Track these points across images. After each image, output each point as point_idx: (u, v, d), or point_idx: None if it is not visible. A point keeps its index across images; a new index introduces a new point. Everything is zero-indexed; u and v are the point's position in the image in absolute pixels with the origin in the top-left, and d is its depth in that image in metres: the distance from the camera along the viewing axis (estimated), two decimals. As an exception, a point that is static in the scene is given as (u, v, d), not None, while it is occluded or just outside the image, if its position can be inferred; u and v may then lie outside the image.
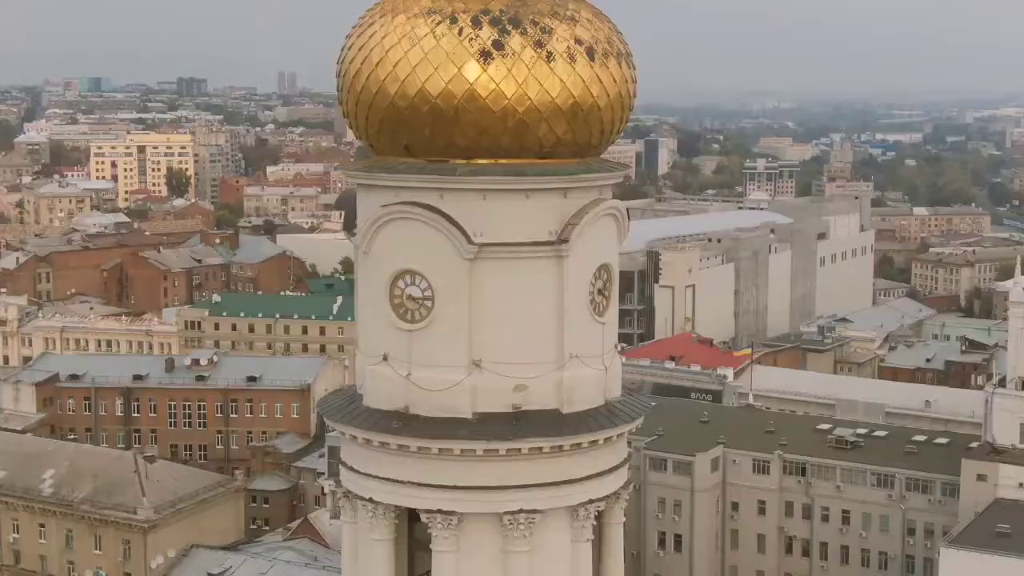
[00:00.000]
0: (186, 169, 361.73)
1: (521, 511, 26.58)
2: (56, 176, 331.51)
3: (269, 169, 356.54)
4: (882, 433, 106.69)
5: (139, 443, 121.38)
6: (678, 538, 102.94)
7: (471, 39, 25.75)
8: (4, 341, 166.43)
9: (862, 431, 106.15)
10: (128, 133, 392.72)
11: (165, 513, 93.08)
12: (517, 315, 26.45)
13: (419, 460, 26.52)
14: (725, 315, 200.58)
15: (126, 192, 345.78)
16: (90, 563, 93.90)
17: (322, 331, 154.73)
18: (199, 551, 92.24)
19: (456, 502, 26.48)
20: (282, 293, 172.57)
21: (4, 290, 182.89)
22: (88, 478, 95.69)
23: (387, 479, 26.98)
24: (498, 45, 25.77)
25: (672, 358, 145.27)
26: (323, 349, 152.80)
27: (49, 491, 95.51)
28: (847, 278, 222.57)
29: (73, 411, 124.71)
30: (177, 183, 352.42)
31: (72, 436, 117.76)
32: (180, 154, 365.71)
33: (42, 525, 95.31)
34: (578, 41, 26.34)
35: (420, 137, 26.34)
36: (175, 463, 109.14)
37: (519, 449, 26.46)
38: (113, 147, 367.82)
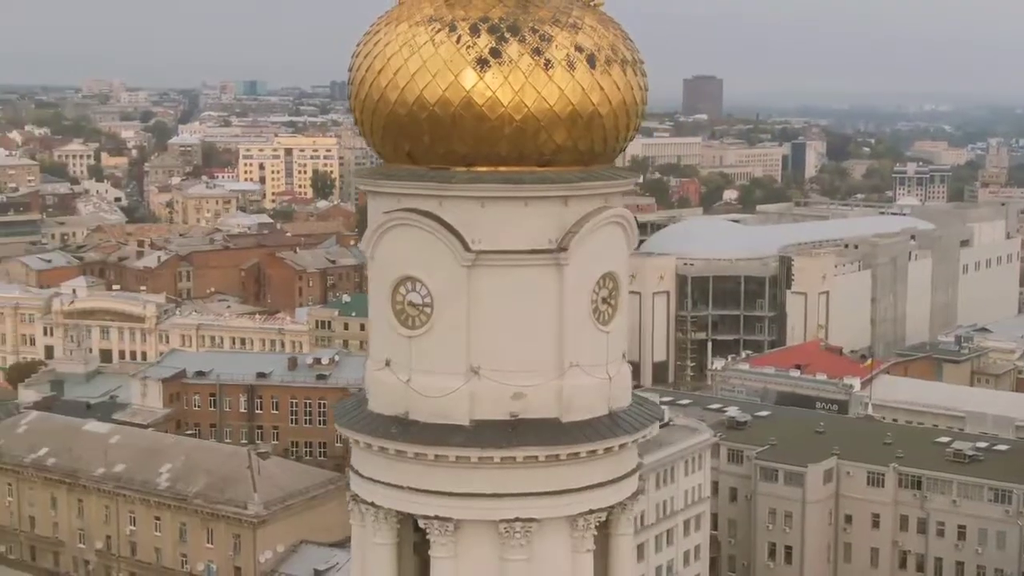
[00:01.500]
0: (331, 172, 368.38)
1: (518, 519, 26.50)
2: (204, 177, 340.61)
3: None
4: (1003, 447, 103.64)
5: (261, 439, 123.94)
6: (788, 550, 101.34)
7: (468, 47, 25.78)
8: (142, 337, 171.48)
9: (982, 445, 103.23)
10: (276, 136, 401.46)
11: (275, 509, 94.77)
12: (516, 323, 26.40)
13: (416, 466, 26.64)
14: (861, 323, 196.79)
15: (273, 194, 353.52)
16: (202, 556, 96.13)
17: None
18: (307, 547, 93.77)
19: (452, 508, 26.52)
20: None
21: (144, 288, 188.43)
22: (202, 473, 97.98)
23: (387, 484, 27.19)
24: (495, 53, 25.75)
25: (798, 366, 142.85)
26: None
27: (165, 485, 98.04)
28: (991, 286, 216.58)
29: (198, 407, 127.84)
30: (322, 185, 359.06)
31: (190, 432, 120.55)
32: (326, 157, 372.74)
33: (157, 518, 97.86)
34: (578, 48, 26.16)
35: (420, 144, 26.50)
36: (288, 460, 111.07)
37: (514, 457, 26.40)
38: (261, 149, 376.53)
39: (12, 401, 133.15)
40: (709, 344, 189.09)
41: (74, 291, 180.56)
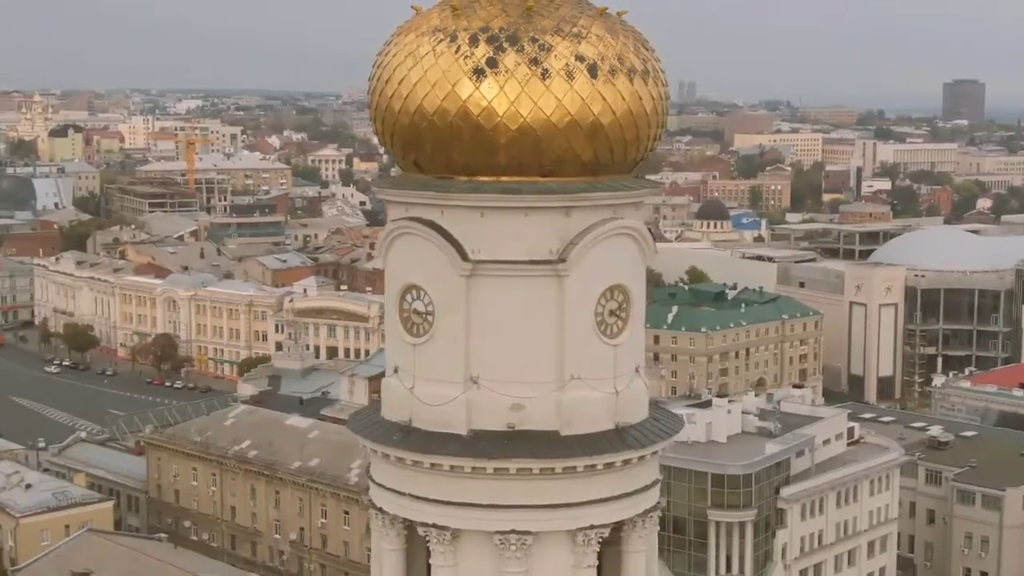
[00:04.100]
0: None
1: (513, 531, 26.33)
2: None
3: (648, 177, 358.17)
4: None
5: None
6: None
7: (466, 57, 25.83)
8: (366, 336, 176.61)
9: None
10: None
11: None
12: (515, 333, 26.27)
13: (416, 473, 26.83)
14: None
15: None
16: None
17: (656, 339, 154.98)
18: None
19: (449, 517, 26.56)
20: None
21: (370, 288, 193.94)
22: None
23: (392, 490, 27.48)
24: (492, 63, 25.72)
25: (1022, 385, 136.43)
26: (656, 358, 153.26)
27: (355, 480, 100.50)
28: None
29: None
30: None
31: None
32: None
33: (346, 512, 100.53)
34: (579, 58, 25.86)
35: (424, 154, 26.73)
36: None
37: (508, 469, 26.24)
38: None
39: (232, 394, 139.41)
40: (939, 359, 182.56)
41: (304, 290, 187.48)
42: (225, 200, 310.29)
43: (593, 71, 25.92)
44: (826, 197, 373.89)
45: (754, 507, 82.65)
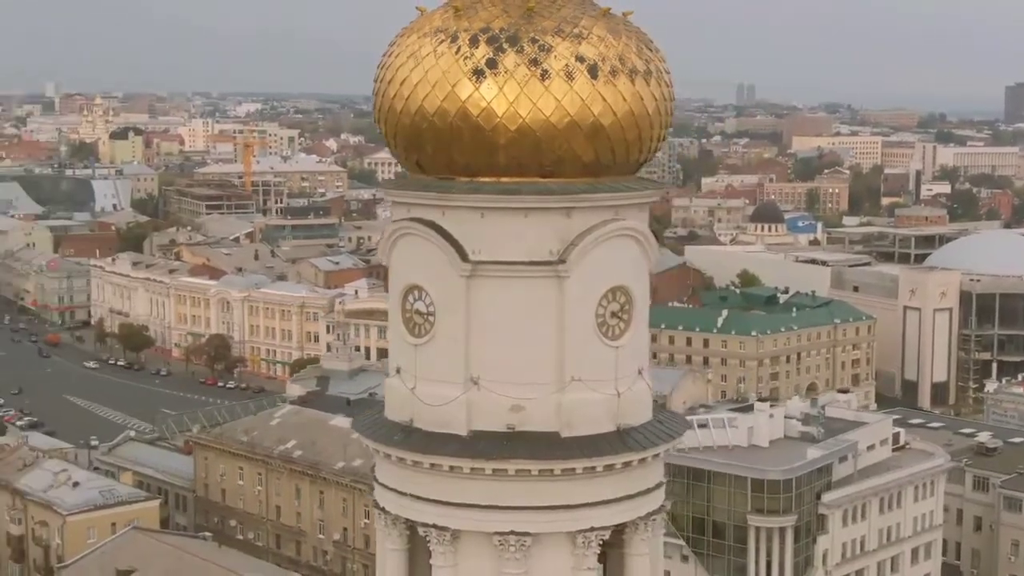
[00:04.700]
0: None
1: (512, 533, 26.30)
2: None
3: (704, 180, 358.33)
4: None
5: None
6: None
7: (466, 58, 25.86)
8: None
9: None
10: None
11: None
12: (515, 334, 26.24)
13: (416, 473, 26.86)
14: None
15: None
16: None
17: (705, 343, 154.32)
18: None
19: (449, 518, 26.57)
20: (669, 304, 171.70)
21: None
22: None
23: (394, 490, 27.52)
24: (491, 63, 25.73)
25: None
26: (706, 362, 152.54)
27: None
28: None
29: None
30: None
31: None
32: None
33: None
34: (579, 59, 25.80)
35: (425, 154, 26.81)
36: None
37: (506, 469, 26.23)
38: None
39: (281, 395, 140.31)
40: (994, 365, 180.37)
41: (356, 292, 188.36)
42: (281, 202, 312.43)
43: (593, 72, 25.84)
44: (884, 200, 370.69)
45: (795, 512, 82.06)
